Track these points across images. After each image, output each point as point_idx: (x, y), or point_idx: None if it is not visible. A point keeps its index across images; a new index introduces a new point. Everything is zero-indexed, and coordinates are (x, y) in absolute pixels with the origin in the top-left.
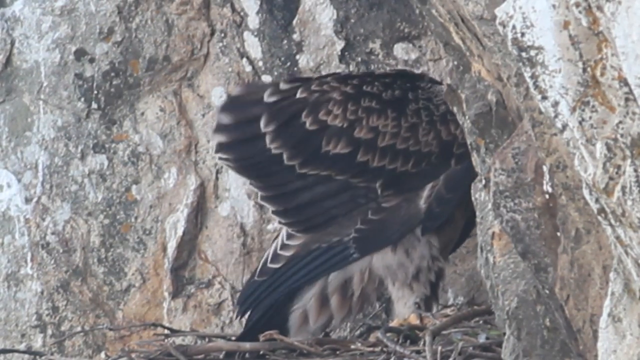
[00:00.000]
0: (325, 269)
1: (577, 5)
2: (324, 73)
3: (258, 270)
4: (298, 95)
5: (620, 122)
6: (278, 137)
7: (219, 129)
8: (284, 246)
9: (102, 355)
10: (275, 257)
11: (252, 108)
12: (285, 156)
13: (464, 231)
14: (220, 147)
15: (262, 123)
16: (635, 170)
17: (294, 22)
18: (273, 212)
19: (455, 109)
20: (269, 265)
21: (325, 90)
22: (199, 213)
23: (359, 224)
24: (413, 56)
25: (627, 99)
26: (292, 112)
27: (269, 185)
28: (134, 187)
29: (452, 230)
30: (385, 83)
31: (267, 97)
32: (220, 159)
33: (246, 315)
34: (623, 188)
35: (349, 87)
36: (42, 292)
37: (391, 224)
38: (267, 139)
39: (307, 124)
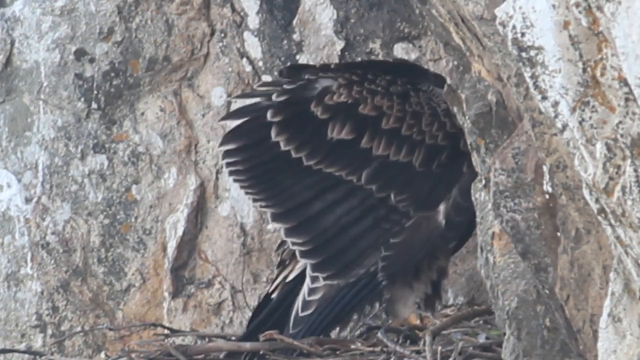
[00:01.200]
0: (357, 303)
1: (577, 5)
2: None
3: (291, 322)
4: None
5: (620, 122)
6: (285, 129)
7: (226, 137)
8: (311, 291)
9: (102, 355)
10: (306, 304)
11: (259, 108)
12: (292, 149)
13: (466, 231)
14: (227, 154)
15: (268, 115)
16: (635, 170)
17: (294, 22)
18: (301, 255)
19: (455, 109)
20: (301, 314)
21: (330, 76)
22: (199, 213)
23: (383, 251)
24: (413, 56)
25: (627, 99)
26: (301, 105)
27: (280, 197)
28: (134, 187)
29: None
30: (387, 80)
31: (276, 97)
32: (227, 164)
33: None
34: (623, 188)
35: (354, 75)
36: (42, 292)
37: (413, 244)
38: (273, 132)
39: (319, 114)
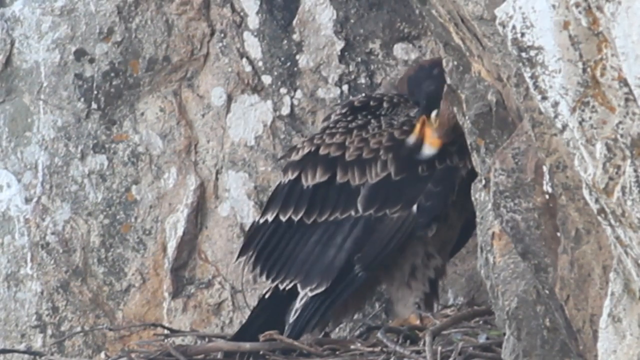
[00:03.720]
0: (341, 296)
1: (577, 5)
2: (323, 74)
3: (287, 329)
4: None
5: (620, 122)
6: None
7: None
8: (300, 300)
9: (102, 355)
10: (295, 311)
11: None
12: (291, 216)
13: (464, 233)
14: (256, 262)
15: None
16: (635, 171)
17: (294, 22)
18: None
19: (455, 109)
20: (292, 319)
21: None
22: (199, 213)
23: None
24: (413, 56)
25: (627, 99)
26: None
27: (304, 269)
28: (134, 187)
29: (448, 230)
30: (348, 120)
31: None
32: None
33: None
34: (623, 188)
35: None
36: (42, 292)
37: (387, 233)
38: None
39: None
